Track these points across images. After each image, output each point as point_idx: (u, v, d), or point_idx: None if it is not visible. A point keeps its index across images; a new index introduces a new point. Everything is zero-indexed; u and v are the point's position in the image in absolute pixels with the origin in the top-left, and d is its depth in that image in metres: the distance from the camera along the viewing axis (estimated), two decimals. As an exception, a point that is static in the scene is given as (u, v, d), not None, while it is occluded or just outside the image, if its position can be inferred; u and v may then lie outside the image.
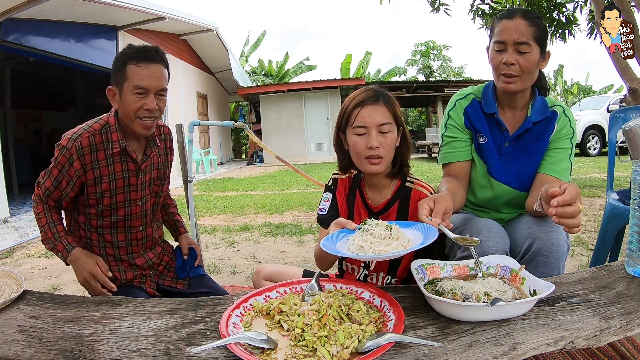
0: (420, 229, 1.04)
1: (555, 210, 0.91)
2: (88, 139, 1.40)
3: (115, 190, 1.46)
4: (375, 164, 1.24)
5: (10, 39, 5.63)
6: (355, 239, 1.00)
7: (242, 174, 11.12)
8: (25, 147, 9.85)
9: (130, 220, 1.52)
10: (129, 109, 1.37)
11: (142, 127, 1.40)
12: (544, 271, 1.17)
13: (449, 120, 1.49)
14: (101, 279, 1.40)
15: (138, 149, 1.50)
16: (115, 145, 1.42)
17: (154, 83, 1.36)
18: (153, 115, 1.40)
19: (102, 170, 1.42)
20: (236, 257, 3.37)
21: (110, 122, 1.44)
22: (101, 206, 1.45)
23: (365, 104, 1.24)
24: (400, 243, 0.96)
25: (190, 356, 0.77)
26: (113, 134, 1.42)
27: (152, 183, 1.57)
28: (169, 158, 1.65)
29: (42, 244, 1.51)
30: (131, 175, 1.48)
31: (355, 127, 1.25)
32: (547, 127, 1.39)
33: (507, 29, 1.31)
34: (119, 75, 1.37)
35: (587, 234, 3.41)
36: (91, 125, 1.43)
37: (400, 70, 22.89)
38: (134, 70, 1.34)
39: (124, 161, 1.46)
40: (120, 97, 1.38)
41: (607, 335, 0.77)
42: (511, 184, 1.43)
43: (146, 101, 1.36)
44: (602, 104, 11.06)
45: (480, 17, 5.91)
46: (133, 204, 1.50)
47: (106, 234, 1.51)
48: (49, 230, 1.44)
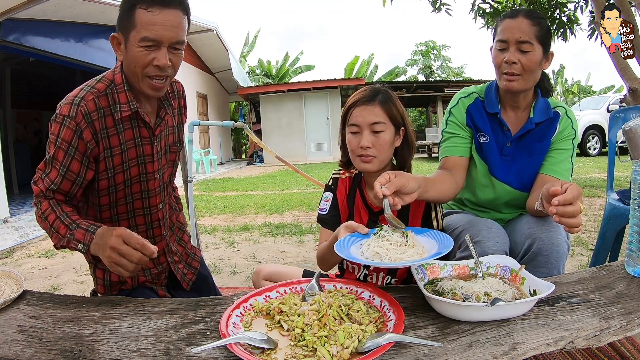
0: (433, 236, 1.04)
1: (556, 209, 0.91)
2: (94, 102, 1.14)
3: (127, 163, 1.21)
4: (367, 162, 1.26)
5: (10, 39, 5.64)
6: (370, 245, 0.99)
7: (242, 174, 11.12)
8: (25, 147, 9.86)
9: (148, 199, 1.28)
10: (135, 64, 1.12)
11: (150, 88, 1.15)
12: (544, 271, 1.17)
13: (451, 117, 1.49)
14: (131, 241, 1.02)
15: (150, 111, 1.25)
16: (125, 108, 1.17)
17: (167, 33, 1.09)
18: (164, 74, 1.14)
19: (111, 139, 1.17)
20: (236, 257, 3.37)
21: (116, 80, 1.18)
22: (114, 187, 1.21)
23: (359, 103, 1.26)
24: (416, 251, 0.96)
25: (190, 356, 0.77)
26: (121, 95, 1.17)
27: (168, 150, 1.33)
28: (183, 119, 1.41)
29: (42, 244, 1.39)
30: (145, 144, 1.23)
31: (350, 126, 1.28)
32: (549, 128, 1.39)
33: (510, 28, 1.31)
34: (125, 20, 1.11)
35: (587, 234, 3.41)
36: (94, 86, 1.17)
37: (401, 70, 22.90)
38: (144, 17, 1.07)
39: (135, 127, 1.21)
40: (126, 48, 1.13)
41: (607, 335, 0.77)
42: (512, 184, 1.44)
43: (157, 55, 1.10)
44: (602, 104, 11.07)
45: (481, 16, 5.91)
46: (150, 178, 1.26)
47: (122, 220, 1.27)
48: (61, 224, 1.11)
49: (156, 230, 1.34)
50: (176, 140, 1.37)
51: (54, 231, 1.13)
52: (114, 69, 1.21)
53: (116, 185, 1.23)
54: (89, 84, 1.19)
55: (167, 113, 1.29)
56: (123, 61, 1.17)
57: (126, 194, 1.25)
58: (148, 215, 1.31)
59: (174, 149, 1.36)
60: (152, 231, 1.34)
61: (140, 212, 1.30)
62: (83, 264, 3.27)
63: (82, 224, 1.11)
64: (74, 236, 1.09)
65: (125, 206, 1.27)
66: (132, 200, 1.27)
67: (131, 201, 1.27)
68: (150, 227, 1.33)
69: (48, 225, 1.14)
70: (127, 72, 1.17)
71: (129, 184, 1.24)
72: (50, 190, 1.16)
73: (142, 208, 1.30)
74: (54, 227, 1.12)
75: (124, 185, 1.24)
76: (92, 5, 6.20)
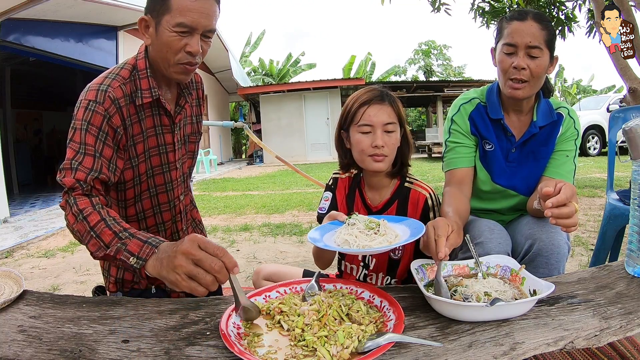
0: (409, 224, 1.04)
1: (551, 211, 0.91)
2: (121, 89, 1.12)
3: (149, 151, 1.18)
4: (379, 161, 1.25)
5: (10, 39, 5.64)
6: (341, 232, 1.01)
7: (242, 174, 11.12)
8: (25, 147, 9.87)
9: (172, 191, 1.25)
10: (167, 49, 1.09)
11: (180, 72, 1.13)
12: (544, 272, 1.17)
13: (453, 125, 1.44)
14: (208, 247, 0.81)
15: (170, 99, 1.23)
16: (146, 94, 1.14)
17: (203, 21, 1.08)
18: (195, 61, 1.13)
19: (134, 127, 1.14)
20: (236, 257, 3.37)
21: (138, 65, 1.16)
22: (138, 178, 1.17)
23: (372, 103, 1.25)
24: (385, 239, 0.97)
25: (191, 356, 0.77)
26: (143, 81, 1.15)
27: (187, 140, 1.31)
28: (202, 110, 1.40)
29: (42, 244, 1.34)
30: (165, 132, 1.21)
31: (360, 126, 1.25)
32: (553, 131, 1.37)
33: (519, 32, 1.25)
34: (159, 3, 1.08)
35: (587, 234, 3.41)
36: (118, 73, 1.15)
37: (400, 70, 22.91)
38: (181, 2, 1.06)
39: (155, 115, 1.19)
40: (157, 31, 1.10)
41: (607, 335, 0.77)
42: (518, 189, 1.41)
43: (190, 42, 1.09)
44: (602, 104, 11.07)
45: (480, 15, 5.91)
46: (172, 168, 1.24)
47: (149, 217, 1.22)
48: (107, 228, 0.96)
49: (179, 225, 1.31)
50: (195, 131, 1.35)
51: (94, 236, 0.96)
52: (136, 55, 1.18)
53: (140, 175, 1.19)
54: (113, 71, 1.16)
55: (187, 102, 1.27)
56: (151, 45, 1.14)
57: (149, 185, 1.22)
58: (173, 209, 1.28)
59: (192, 139, 1.34)
60: (175, 226, 1.29)
61: (166, 207, 1.27)
62: (83, 264, 3.27)
63: (138, 234, 0.94)
64: (126, 247, 0.92)
65: (150, 200, 1.23)
66: (157, 193, 1.24)
67: (155, 194, 1.23)
68: (174, 222, 1.28)
69: (86, 228, 0.97)
70: (156, 56, 1.14)
71: (151, 175, 1.22)
72: (90, 178, 1.03)
73: (167, 202, 1.26)
74: (94, 231, 0.96)
75: (146, 175, 1.20)
76: (92, 5, 6.20)
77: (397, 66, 22.37)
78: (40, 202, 6.67)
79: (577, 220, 0.93)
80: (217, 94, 15.48)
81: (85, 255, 3.57)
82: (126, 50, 7.87)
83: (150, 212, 1.25)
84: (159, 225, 1.27)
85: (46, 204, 6.33)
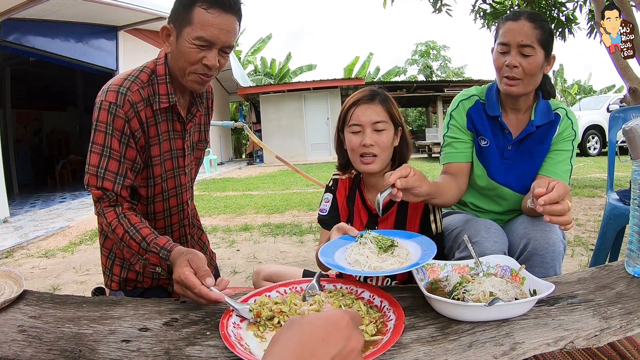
0: (420, 242, 1.03)
1: (543, 208, 0.92)
2: (139, 93, 1.14)
3: (163, 155, 1.22)
4: (368, 163, 1.25)
5: (10, 39, 5.64)
6: (352, 251, 1.00)
7: (242, 174, 11.12)
8: (25, 147, 9.88)
9: (181, 195, 1.28)
10: (185, 60, 1.12)
11: (195, 82, 1.16)
12: (540, 271, 1.17)
13: (451, 121, 1.48)
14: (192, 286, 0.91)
15: (183, 106, 1.26)
16: (163, 100, 1.17)
17: (222, 37, 1.11)
18: (211, 73, 1.16)
19: (150, 130, 1.18)
20: (236, 257, 3.37)
21: (158, 71, 1.19)
22: (152, 180, 1.20)
23: (360, 102, 1.27)
24: (397, 260, 0.96)
25: (191, 356, 0.77)
26: (161, 86, 1.18)
27: (195, 147, 1.35)
28: (209, 119, 1.44)
29: (42, 244, 1.38)
30: (176, 137, 1.25)
31: (351, 126, 1.27)
32: (550, 130, 1.39)
33: (511, 31, 1.29)
34: (182, 15, 1.11)
35: (587, 234, 3.41)
36: (137, 76, 1.17)
37: (401, 70, 22.91)
38: (203, 17, 1.08)
39: (169, 120, 1.22)
40: (177, 41, 1.13)
41: (607, 335, 0.77)
42: (513, 187, 1.43)
43: (208, 55, 1.11)
44: (602, 104, 11.06)
45: (481, 17, 5.91)
46: (182, 172, 1.28)
47: (159, 220, 1.26)
48: (132, 240, 1.09)
49: (187, 229, 1.35)
50: (202, 139, 1.39)
51: (125, 245, 1.11)
52: (156, 59, 1.21)
53: (154, 177, 1.22)
54: (132, 74, 1.18)
55: (199, 110, 1.30)
56: (170, 53, 1.17)
57: (163, 189, 1.25)
58: (181, 213, 1.31)
59: (200, 147, 1.38)
60: (183, 229, 1.33)
61: (175, 210, 1.31)
62: (83, 264, 3.27)
63: (152, 247, 1.07)
64: (149, 261, 1.10)
65: (162, 203, 1.27)
66: (169, 196, 1.27)
67: (167, 197, 1.27)
68: (182, 225, 1.32)
69: (118, 239, 1.12)
70: (173, 64, 1.17)
71: (165, 178, 1.25)
72: (119, 186, 1.11)
73: (177, 206, 1.30)
74: (124, 241, 1.11)
75: (161, 179, 1.24)
76: (92, 5, 6.20)
77: (397, 67, 22.37)
78: (40, 202, 6.67)
79: (571, 218, 0.94)
80: (218, 94, 15.46)
81: (85, 255, 3.59)
82: (126, 50, 7.88)
83: (161, 214, 1.28)
84: (167, 228, 1.31)
85: (46, 204, 6.33)
